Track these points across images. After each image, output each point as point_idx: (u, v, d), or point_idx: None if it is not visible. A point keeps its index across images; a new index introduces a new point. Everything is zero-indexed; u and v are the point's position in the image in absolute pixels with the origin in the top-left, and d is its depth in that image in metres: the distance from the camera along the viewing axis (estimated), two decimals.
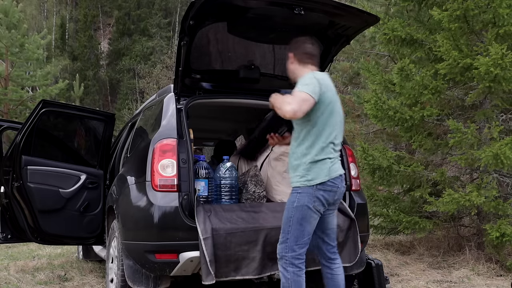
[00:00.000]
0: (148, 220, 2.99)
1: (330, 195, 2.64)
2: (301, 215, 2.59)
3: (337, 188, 2.66)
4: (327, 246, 2.84)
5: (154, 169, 3.02)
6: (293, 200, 2.63)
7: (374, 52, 10.15)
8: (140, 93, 29.21)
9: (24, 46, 14.85)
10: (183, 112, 3.27)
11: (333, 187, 2.64)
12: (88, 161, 4.76)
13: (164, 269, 3.01)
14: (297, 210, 2.60)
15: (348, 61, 13.29)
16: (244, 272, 2.95)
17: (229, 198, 3.32)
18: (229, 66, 3.70)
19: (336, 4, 3.10)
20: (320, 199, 2.60)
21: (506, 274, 4.56)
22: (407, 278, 4.46)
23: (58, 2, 45.84)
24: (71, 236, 4.45)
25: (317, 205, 2.60)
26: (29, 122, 4.34)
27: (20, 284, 4.51)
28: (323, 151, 2.62)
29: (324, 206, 2.64)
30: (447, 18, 4.64)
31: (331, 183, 2.62)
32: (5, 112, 14.81)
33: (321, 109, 2.60)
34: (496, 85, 4.49)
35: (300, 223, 2.60)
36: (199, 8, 2.91)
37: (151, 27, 41.10)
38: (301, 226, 2.60)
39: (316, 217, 2.64)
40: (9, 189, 4.32)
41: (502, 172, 5.00)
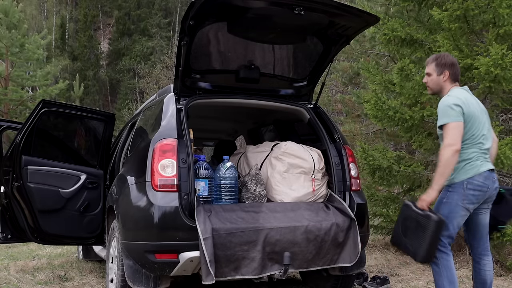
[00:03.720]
0: (148, 220, 2.99)
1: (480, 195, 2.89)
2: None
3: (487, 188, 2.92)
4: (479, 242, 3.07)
5: (154, 169, 3.02)
6: (440, 199, 2.94)
7: (374, 52, 10.15)
8: (140, 93, 29.21)
9: (24, 46, 14.87)
10: (183, 112, 3.27)
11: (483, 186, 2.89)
12: (88, 161, 4.76)
13: (164, 269, 3.01)
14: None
15: (348, 61, 13.29)
16: (244, 272, 2.96)
17: (229, 198, 3.32)
18: (229, 66, 3.70)
19: (336, 4, 3.11)
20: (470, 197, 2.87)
21: (506, 274, 4.56)
22: (407, 278, 4.47)
23: (58, 2, 45.84)
24: (71, 236, 4.45)
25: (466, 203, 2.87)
26: (29, 122, 4.34)
27: (20, 284, 4.51)
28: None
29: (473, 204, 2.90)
30: (447, 18, 4.64)
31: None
32: (5, 112, 14.82)
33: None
34: (496, 85, 4.49)
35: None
36: (199, 8, 2.91)
37: (151, 27, 41.10)
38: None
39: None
40: (9, 189, 4.32)
41: (502, 172, 5.00)
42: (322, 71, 3.87)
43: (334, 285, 3.66)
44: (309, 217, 3.17)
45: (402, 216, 3.02)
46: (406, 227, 2.96)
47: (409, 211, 2.95)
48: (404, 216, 2.99)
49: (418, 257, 2.89)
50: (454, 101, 2.86)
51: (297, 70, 3.94)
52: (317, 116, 3.77)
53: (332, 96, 14.29)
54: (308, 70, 3.87)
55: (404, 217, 3.00)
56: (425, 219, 2.83)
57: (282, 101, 3.83)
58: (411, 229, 2.92)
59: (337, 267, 3.28)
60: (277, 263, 3.03)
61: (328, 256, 3.17)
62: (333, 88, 15.65)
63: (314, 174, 3.50)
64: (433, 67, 3.04)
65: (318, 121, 3.72)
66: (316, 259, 3.13)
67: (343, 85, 14.32)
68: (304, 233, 3.08)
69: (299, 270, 3.25)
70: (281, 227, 3.04)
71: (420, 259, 2.90)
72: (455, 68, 3.03)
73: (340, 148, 3.59)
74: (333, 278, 3.60)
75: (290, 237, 3.04)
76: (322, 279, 3.75)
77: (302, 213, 3.20)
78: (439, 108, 2.89)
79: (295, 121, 4.13)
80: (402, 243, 3.01)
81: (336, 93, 15.15)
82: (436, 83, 3.05)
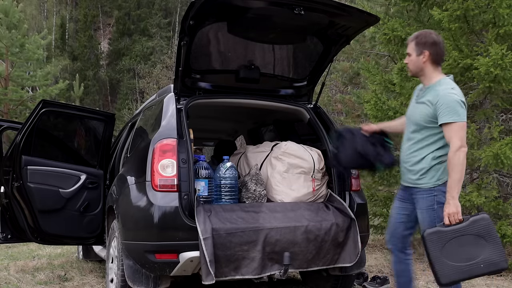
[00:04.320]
0: (148, 220, 2.99)
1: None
2: (441, 214, 2.59)
3: None
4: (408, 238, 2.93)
5: (154, 169, 3.02)
6: (431, 203, 2.65)
7: (374, 52, 10.16)
8: (140, 93, 29.21)
9: (24, 46, 14.88)
10: (183, 112, 3.27)
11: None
12: (88, 161, 4.76)
13: (164, 269, 3.01)
14: (440, 210, 2.60)
15: (348, 61, 13.30)
16: (244, 272, 2.96)
17: (229, 198, 3.31)
18: (229, 66, 3.70)
19: (336, 4, 3.11)
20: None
21: (506, 274, 4.56)
22: None
23: (58, 2, 45.82)
24: (71, 236, 4.45)
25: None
26: (29, 122, 4.33)
27: (20, 284, 4.51)
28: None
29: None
30: (447, 18, 4.64)
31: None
32: (5, 112, 14.82)
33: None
34: (496, 85, 4.49)
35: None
36: (199, 8, 2.91)
37: (151, 27, 41.09)
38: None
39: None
40: (9, 189, 4.32)
41: (502, 172, 5.00)
42: (322, 71, 3.87)
43: (334, 285, 3.66)
44: (309, 217, 3.17)
45: (444, 245, 2.52)
46: (465, 250, 2.49)
47: (448, 234, 2.52)
48: (446, 242, 2.52)
49: (502, 263, 2.51)
50: (462, 97, 2.61)
51: (297, 70, 3.94)
52: (317, 116, 3.77)
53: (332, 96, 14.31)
54: (308, 70, 3.87)
55: (447, 245, 2.52)
56: (478, 224, 2.52)
57: (282, 101, 3.83)
58: (472, 247, 2.49)
59: (337, 267, 3.28)
60: (277, 263, 3.03)
61: (328, 256, 3.17)
62: (333, 88, 15.66)
63: (314, 174, 3.50)
64: (412, 46, 2.73)
65: (318, 121, 3.72)
66: (316, 259, 3.13)
67: (343, 85, 14.33)
68: (304, 233, 3.08)
69: (299, 270, 3.25)
70: (281, 227, 3.04)
71: (504, 263, 2.52)
72: (437, 48, 2.69)
73: None
74: (333, 278, 3.60)
75: (290, 237, 3.04)
76: (322, 279, 3.75)
77: (302, 213, 3.20)
78: (444, 101, 2.57)
79: (295, 121, 4.13)
80: (471, 270, 2.51)
81: (336, 93, 15.16)
82: (415, 64, 2.74)
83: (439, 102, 2.60)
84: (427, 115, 2.65)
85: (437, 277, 2.55)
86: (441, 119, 2.58)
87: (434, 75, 2.73)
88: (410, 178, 2.76)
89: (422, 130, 2.70)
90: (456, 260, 2.50)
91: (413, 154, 2.74)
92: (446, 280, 2.55)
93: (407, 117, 2.87)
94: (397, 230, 2.91)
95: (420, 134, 2.71)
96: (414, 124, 2.74)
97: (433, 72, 2.72)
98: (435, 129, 2.65)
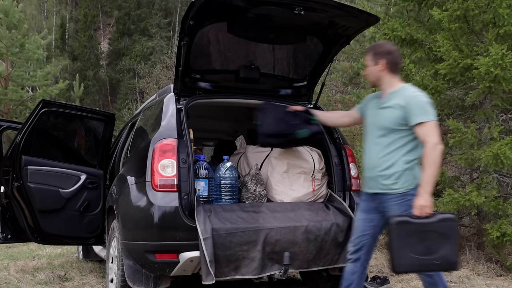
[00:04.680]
0: (148, 220, 2.99)
1: None
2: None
3: None
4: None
5: (154, 169, 3.02)
6: (405, 208, 2.62)
7: None
8: (140, 93, 29.19)
9: (24, 46, 14.87)
10: (183, 112, 3.27)
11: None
12: (88, 161, 4.76)
13: (164, 269, 3.01)
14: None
15: (348, 61, 13.30)
16: (244, 272, 2.96)
17: (229, 198, 3.32)
18: (229, 66, 3.70)
19: (336, 4, 3.11)
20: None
21: (506, 274, 4.56)
22: (407, 278, 4.46)
23: (58, 2, 45.81)
24: (71, 236, 4.45)
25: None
26: (29, 122, 4.34)
27: (20, 284, 4.51)
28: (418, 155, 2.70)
29: None
30: (447, 18, 4.64)
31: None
32: (5, 112, 14.82)
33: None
34: (496, 85, 4.48)
35: None
36: (199, 8, 2.91)
37: (151, 27, 41.06)
38: None
39: None
40: (9, 189, 4.32)
41: (502, 172, 4.99)
42: (322, 71, 3.87)
43: (334, 285, 3.65)
44: (309, 217, 3.17)
45: (409, 235, 2.55)
46: (425, 244, 2.54)
47: (416, 226, 2.56)
48: (411, 234, 2.55)
49: (455, 265, 2.60)
50: (429, 99, 2.70)
51: (297, 70, 3.94)
52: None
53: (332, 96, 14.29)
54: (308, 70, 3.87)
55: (411, 236, 2.55)
56: (445, 223, 2.57)
57: (282, 101, 3.83)
58: (433, 243, 2.55)
59: (337, 267, 3.27)
60: (277, 263, 3.03)
61: (328, 256, 3.17)
62: (333, 88, 15.65)
63: (314, 174, 3.50)
64: (369, 57, 2.83)
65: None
66: (316, 259, 3.13)
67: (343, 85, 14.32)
68: (304, 233, 3.08)
69: (299, 270, 3.25)
70: (281, 227, 3.04)
71: (456, 266, 2.61)
72: (392, 56, 2.77)
73: (340, 148, 3.59)
74: (333, 278, 3.60)
75: (290, 237, 3.04)
76: (322, 279, 3.75)
77: (302, 213, 3.20)
78: (415, 102, 2.64)
79: None
80: (425, 264, 2.56)
81: (336, 93, 15.15)
82: (373, 74, 2.83)
83: (409, 104, 2.64)
84: (396, 118, 2.67)
85: (393, 264, 2.60)
86: (415, 119, 2.62)
87: (395, 82, 2.80)
88: (383, 183, 2.71)
89: (390, 134, 2.71)
90: (416, 252, 2.54)
91: (384, 159, 2.72)
92: (401, 269, 2.65)
93: (369, 125, 2.88)
94: (364, 242, 2.86)
95: (388, 138, 2.71)
96: (381, 129, 2.75)
97: (392, 79, 2.79)
98: (404, 131, 2.68)
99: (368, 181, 2.82)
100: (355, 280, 2.87)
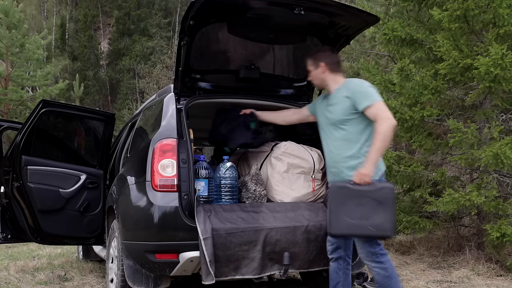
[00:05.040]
0: (148, 220, 2.99)
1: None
2: None
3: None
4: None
5: (154, 169, 3.02)
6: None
7: (374, 52, 10.16)
8: (140, 93, 29.21)
9: (24, 46, 14.86)
10: (183, 112, 3.27)
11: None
12: (88, 161, 4.76)
13: (164, 269, 3.01)
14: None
15: (348, 61, 13.30)
16: (244, 272, 2.96)
17: (229, 198, 3.31)
18: (229, 66, 3.70)
19: (336, 4, 3.10)
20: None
21: (506, 274, 4.56)
22: (407, 278, 4.47)
23: (58, 2, 45.82)
24: (71, 236, 4.45)
25: None
26: (29, 122, 4.34)
27: (20, 284, 4.51)
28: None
29: None
30: (447, 18, 4.64)
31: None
32: (5, 112, 14.82)
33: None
34: (496, 85, 4.49)
35: None
36: (199, 8, 2.91)
37: (151, 27, 41.09)
38: None
39: None
40: (9, 189, 4.32)
41: (502, 172, 4.99)
42: None
43: None
44: (309, 217, 3.17)
45: (346, 200, 2.69)
46: (361, 209, 2.66)
47: (354, 192, 2.68)
48: (348, 199, 2.69)
49: (389, 232, 2.67)
50: (370, 84, 2.88)
51: (297, 70, 3.93)
52: None
53: None
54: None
55: (349, 201, 2.68)
56: (381, 191, 2.67)
57: (282, 101, 3.83)
58: (368, 209, 2.65)
59: None
60: (277, 263, 3.03)
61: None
62: None
63: (314, 174, 3.50)
64: (310, 63, 3.09)
65: None
66: (316, 259, 3.13)
67: None
68: (304, 233, 3.08)
69: (300, 270, 3.25)
70: (281, 227, 3.04)
71: (391, 233, 2.69)
72: (330, 58, 3.04)
73: None
74: None
75: (290, 237, 3.04)
76: (322, 279, 3.74)
77: (302, 213, 3.19)
78: (359, 89, 2.82)
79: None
80: (359, 228, 2.69)
81: None
82: (317, 78, 3.07)
83: (354, 93, 2.83)
84: (346, 109, 2.84)
85: (329, 226, 2.79)
86: (362, 104, 2.78)
87: (338, 79, 3.01)
88: (348, 175, 2.82)
89: (344, 126, 2.86)
90: (351, 217, 2.67)
91: (344, 152, 2.86)
92: (335, 231, 2.80)
93: (323, 123, 3.06)
94: (340, 239, 2.98)
95: (343, 131, 2.86)
96: (335, 124, 2.91)
97: (335, 78, 3.02)
98: (356, 120, 2.82)
99: (334, 177, 2.95)
100: (341, 277, 3.00)
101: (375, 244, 2.77)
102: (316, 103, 3.21)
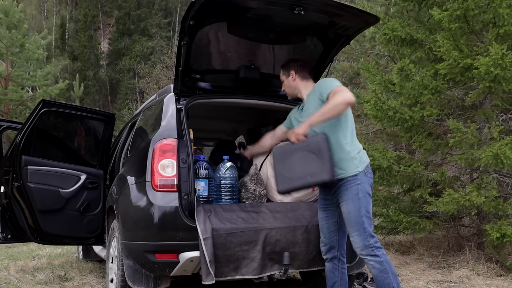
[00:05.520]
0: (148, 220, 2.99)
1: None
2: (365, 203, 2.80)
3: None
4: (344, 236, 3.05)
5: (154, 169, 3.02)
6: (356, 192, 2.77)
7: (374, 52, 10.16)
8: (140, 93, 29.21)
9: (24, 46, 14.87)
10: (183, 112, 3.27)
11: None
12: (88, 161, 4.76)
13: (164, 269, 3.01)
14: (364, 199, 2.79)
15: (348, 61, 13.31)
16: (244, 272, 2.96)
17: (229, 198, 3.31)
18: (229, 66, 3.70)
19: (336, 4, 3.10)
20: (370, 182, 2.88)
21: (506, 274, 4.56)
22: (407, 278, 4.47)
23: (58, 2, 45.83)
24: (71, 236, 4.45)
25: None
26: (29, 122, 4.34)
27: (20, 284, 4.51)
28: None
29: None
30: (447, 18, 4.64)
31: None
32: (5, 112, 14.83)
33: None
34: (496, 85, 4.49)
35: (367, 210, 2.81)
36: (199, 8, 2.91)
37: (151, 27, 41.11)
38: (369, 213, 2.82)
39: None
40: (9, 189, 4.32)
41: (502, 172, 5.00)
42: (322, 71, 3.87)
43: None
44: (309, 217, 3.17)
45: (286, 159, 2.83)
46: (300, 163, 2.78)
47: (291, 150, 2.82)
48: (288, 157, 2.82)
49: (325, 175, 2.73)
50: (333, 78, 2.96)
51: None
52: None
53: None
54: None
55: (288, 159, 2.82)
56: (314, 143, 2.76)
57: (282, 101, 3.83)
58: (307, 161, 2.76)
59: None
60: (277, 263, 3.03)
61: None
62: None
63: None
64: (282, 72, 3.20)
65: None
66: (316, 259, 3.13)
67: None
68: (304, 233, 3.08)
69: (300, 270, 3.25)
70: (281, 227, 3.04)
71: (328, 176, 2.73)
72: (298, 65, 3.13)
73: None
74: None
75: (290, 237, 3.04)
76: (322, 279, 3.74)
77: (302, 213, 3.20)
78: (322, 84, 2.92)
79: None
80: (300, 180, 2.79)
81: None
82: (288, 86, 3.17)
83: (319, 88, 2.92)
84: (316, 105, 2.89)
85: (277, 185, 2.90)
86: (325, 93, 2.83)
87: (309, 85, 3.11)
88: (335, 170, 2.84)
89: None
90: (291, 173, 2.80)
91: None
92: (282, 189, 2.87)
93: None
94: (333, 239, 3.02)
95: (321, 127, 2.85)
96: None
97: (306, 84, 3.12)
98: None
99: None
100: (337, 277, 3.02)
101: (368, 236, 2.76)
102: (291, 115, 3.27)
